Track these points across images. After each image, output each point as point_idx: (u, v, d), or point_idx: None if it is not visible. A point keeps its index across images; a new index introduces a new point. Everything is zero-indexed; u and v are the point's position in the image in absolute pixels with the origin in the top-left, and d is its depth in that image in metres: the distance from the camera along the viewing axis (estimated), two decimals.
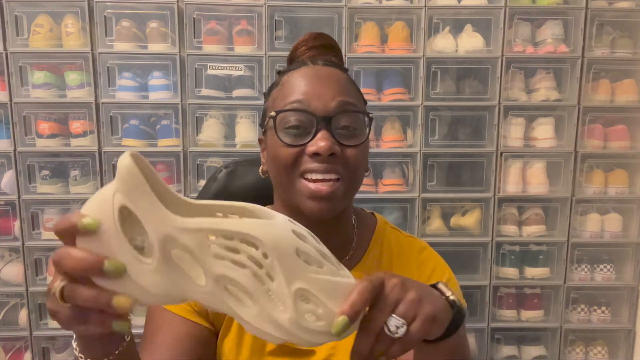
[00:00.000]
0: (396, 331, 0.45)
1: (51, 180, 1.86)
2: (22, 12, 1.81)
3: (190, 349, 0.67)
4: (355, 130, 0.66)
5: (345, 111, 0.65)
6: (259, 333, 0.44)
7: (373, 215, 0.81)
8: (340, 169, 0.64)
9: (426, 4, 1.86)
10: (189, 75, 1.85)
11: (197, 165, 1.89)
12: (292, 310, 0.43)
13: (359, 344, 0.46)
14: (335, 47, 0.75)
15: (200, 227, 0.42)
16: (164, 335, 0.67)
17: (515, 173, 1.93)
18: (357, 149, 0.65)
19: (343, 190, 0.65)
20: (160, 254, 0.41)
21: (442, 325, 0.50)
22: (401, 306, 0.46)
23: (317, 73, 0.68)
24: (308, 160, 0.64)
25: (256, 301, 0.43)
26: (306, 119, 0.64)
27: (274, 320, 0.43)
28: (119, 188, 0.40)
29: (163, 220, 0.41)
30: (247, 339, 0.70)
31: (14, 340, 1.90)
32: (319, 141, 0.62)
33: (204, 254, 0.42)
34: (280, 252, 0.42)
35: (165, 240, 0.41)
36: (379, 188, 1.95)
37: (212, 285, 0.42)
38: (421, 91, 1.89)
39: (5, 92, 1.80)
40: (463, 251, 1.98)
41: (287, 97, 0.66)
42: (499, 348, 2.01)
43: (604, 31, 1.94)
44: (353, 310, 0.43)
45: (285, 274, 0.43)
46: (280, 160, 0.65)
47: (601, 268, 1.99)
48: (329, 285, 0.44)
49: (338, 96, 0.65)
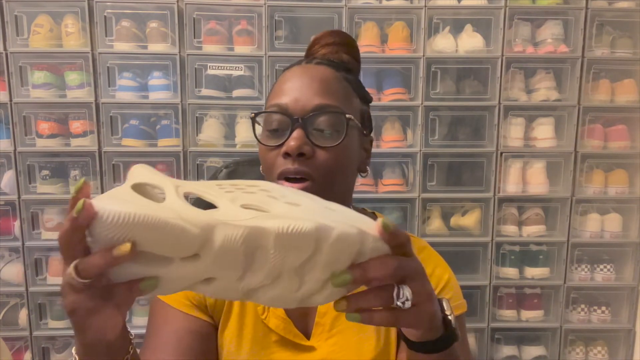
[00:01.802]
0: (403, 301, 0.44)
1: (51, 180, 1.86)
2: (22, 12, 1.81)
3: (192, 344, 0.68)
4: (334, 132, 0.64)
5: (322, 112, 0.64)
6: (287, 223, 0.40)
7: (375, 215, 0.81)
8: (309, 170, 0.63)
9: (426, 4, 1.86)
10: (189, 75, 1.84)
11: (197, 165, 1.89)
12: (311, 206, 0.45)
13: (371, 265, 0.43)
14: (350, 44, 0.74)
15: (207, 183, 0.47)
16: (166, 332, 0.67)
17: (515, 173, 1.93)
18: (331, 151, 0.64)
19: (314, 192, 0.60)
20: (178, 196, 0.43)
21: (429, 332, 0.50)
22: (417, 286, 0.45)
23: (302, 73, 0.67)
24: (282, 162, 0.64)
25: (275, 206, 0.44)
26: (282, 119, 0.64)
27: (297, 215, 0.42)
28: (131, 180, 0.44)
29: (175, 182, 0.45)
30: (247, 331, 0.70)
31: (13, 340, 1.90)
32: (290, 141, 0.62)
33: (215, 191, 0.45)
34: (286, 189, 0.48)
35: (177, 185, 0.44)
36: (379, 188, 1.95)
37: (230, 206, 0.43)
38: (421, 91, 1.89)
39: (5, 92, 1.80)
40: (463, 251, 1.98)
41: (271, 99, 0.67)
42: (499, 348, 2.01)
43: (604, 31, 1.94)
44: (395, 227, 0.43)
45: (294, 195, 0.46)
46: (263, 162, 0.67)
47: (601, 268, 1.99)
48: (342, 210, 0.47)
49: (317, 97, 0.64)
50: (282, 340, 0.70)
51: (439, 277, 0.74)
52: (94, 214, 0.37)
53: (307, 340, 0.70)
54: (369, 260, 0.43)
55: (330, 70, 0.68)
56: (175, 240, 0.39)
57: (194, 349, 0.68)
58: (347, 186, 0.69)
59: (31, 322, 1.88)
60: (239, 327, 0.70)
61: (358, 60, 0.76)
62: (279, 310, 0.70)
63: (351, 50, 0.74)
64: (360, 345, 0.70)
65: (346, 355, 0.69)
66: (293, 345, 0.70)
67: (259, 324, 0.70)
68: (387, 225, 0.42)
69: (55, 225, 1.86)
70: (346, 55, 0.73)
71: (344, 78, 0.69)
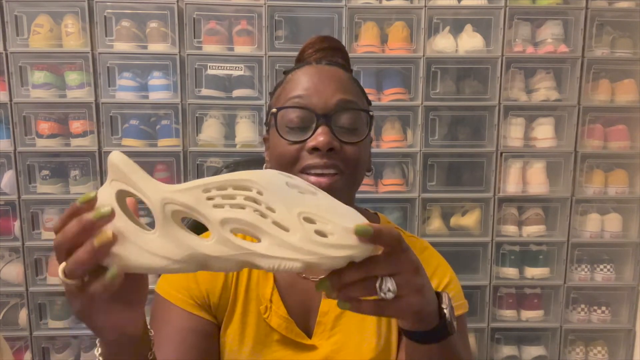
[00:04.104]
0: (385, 292, 0.45)
1: (51, 180, 1.86)
2: (22, 12, 1.81)
3: (195, 343, 0.68)
4: (355, 129, 0.67)
5: (345, 109, 0.66)
6: (277, 263, 0.44)
7: (376, 216, 0.81)
8: (339, 164, 0.65)
9: (426, 4, 1.86)
10: (189, 75, 1.85)
11: (197, 165, 1.89)
12: (300, 230, 0.43)
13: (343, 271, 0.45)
14: (342, 49, 0.76)
15: (191, 186, 0.44)
16: (169, 331, 0.68)
17: (515, 173, 1.93)
18: (356, 146, 0.66)
19: (342, 185, 0.66)
20: (162, 218, 0.44)
21: (419, 323, 0.51)
22: (403, 279, 0.46)
23: (319, 71, 0.69)
24: (308, 156, 0.65)
25: (264, 233, 0.44)
26: (306, 115, 0.66)
27: (287, 244, 0.43)
28: (113, 177, 0.44)
29: (157, 189, 0.44)
30: (249, 330, 0.71)
31: (14, 340, 1.90)
32: (318, 136, 0.64)
33: (203, 207, 0.44)
34: (273, 186, 0.45)
35: (164, 203, 0.43)
36: (379, 188, 1.95)
37: (218, 233, 0.44)
38: (421, 91, 1.89)
39: (5, 92, 1.80)
40: (463, 251, 1.98)
41: (289, 94, 0.68)
42: (499, 348, 2.01)
43: (604, 31, 1.94)
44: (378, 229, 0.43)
45: (283, 203, 0.44)
46: (282, 157, 0.67)
47: (601, 268, 1.99)
48: (330, 207, 0.45)
49: (338, 94, 0.66)
50: (284, 339, 0.70)
51: (440, 277, 0.74)
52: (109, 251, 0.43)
53: (309, 339, 0.71)
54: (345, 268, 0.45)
55: (342, 71, 0.71)
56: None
57: (197, 348, 0.68)
58: (361, 181, 0.72)
59: (31, 322, 1.88)
60: (242, 326, 0.71)
61: (350, 65, 0.78)
62: (281, 310, 0.70)
63: (344, 55, 0.77)
64: (361, 344, 0.71)
65: (347, 355, 0.70)
66: (295, 344, 0.70)
67: (261, 323, 0.70)
68: (363, 232, 0.43)
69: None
70: (341, 60, 0.75)
71: (354, 79, 0.72)
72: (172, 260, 0.44)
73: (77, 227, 0.42)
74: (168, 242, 0.43)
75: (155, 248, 0.43)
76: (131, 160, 0.45)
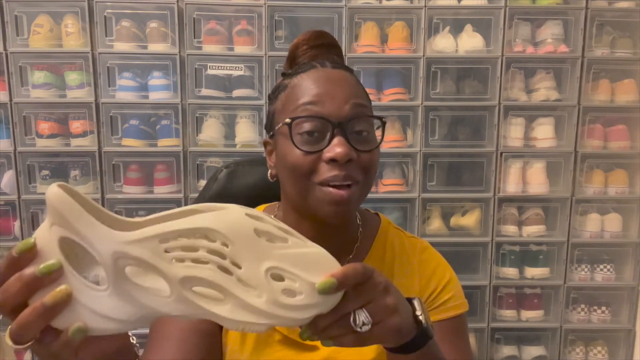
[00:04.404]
0: (360, 326, 0.45)
1: (51, 181, 1.86)
2: (22, 12, 1.81)
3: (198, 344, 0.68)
4: (368, 135, 0.66)
5: (360, 116, 0.64)
6: (240, 326, 0.41)
7: (377, 216, 0.81)
8: (356, 174, 0.64)
9: (426, 4, 1.86)
10: (189, 75, 1.85)
11: (197, 165, 1.89)
12: (267, 292, 0.41)
13: (316, 320, 0.45)
14: (336, 45, 0.74)
15: (147, 235, 0.39)
16: (172, 331, 0.67)
17: (515, 173, 1.93)
18: (371, 154, 0.65)
19: (358, 194, 0.65)
20: (113, 274, 0.39)
21: (400, 339, 0.51)
22: (375, 306, 0.46)
23: (327, 76, 0.66)
24: (325, 167, 0.63)
25: (228, 294, 0.41)
26: (320, 124, 0.63)
27: (252, 307, 0.41)
28: (53, 220, 0.38)
29: (107, 238, 0.38)
30: None
31: None
32: (336, 147, 0.62)
33: (160, 262, 0.39)
34: (240, 236, 0.40)
35: (115, 258, 0.38)
36: (379, 188, 1.95)
37: (178, 292, 0.40)
38: (421, 91, 1.89)
39: (5, 92, 1.80)
40: (463, 251, 1.98)
41: (299, 101, 0.65)
42: (499, 348, 2.01)
43: (604, 31, 1.94)
44: (343, 276, 0.43)
45: (250, 257, 0.41)
46: (297, 169, 0.64)
47: (601, 268, 1.99)
48: (299, 258, 0.42)
49: (351, 99, 0.64)
50: (285, 339, 0.70)
51: (440, 276, 0.74)
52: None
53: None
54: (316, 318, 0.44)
55: (348, 74, 0.69)
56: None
57: (200, 348, 0.68)
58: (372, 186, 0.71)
59: None
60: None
61: (344, 61, 0.76)
62: None
63: (339, 52, 0.75)
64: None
65: (348, 355, 0.70)
66: (296, 344, 0.70)
67: None
68: (327, 288, 0.42)
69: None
70: (336, 57, 0.73)
71: (358, 81, 0.70)
72: (126, 322, 0.40)
73: (18, 284, 0.38)
74: (120, 302, 0.39)
75: (107, 310, 0.39)
76: (74, 194, 0.38)
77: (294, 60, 0.74)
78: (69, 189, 0.39)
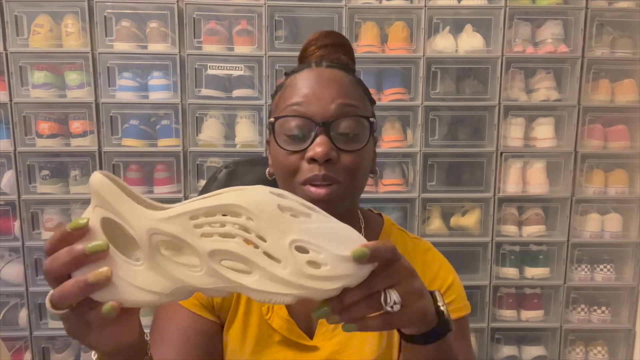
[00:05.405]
0: (392, 305, 0.45)
1: (51, 180, 1.86)
2: (22, 12, 1.81)
3: (199, 344, 0.68)
4: (356, 135, 0.65)
5: (345, 116, 0.64)
6: (267, 297, 0.43)
7: (380, 217, 0.81)
8: (337, 174, 0.63)
9: (426, 4, 1.86)
10: (189, 75, 1.85)
11: (197, 165, 1.89)
12: (292, 262, 0.42)
13: (343, 294, 0.44)
14: (346, 45, 0.74)
15: (179, 212, 0.43)
16: (173, 331, 0.68)
17: (515, 173, 1.93)
18: (355, 155, 0.64)
19: (341, 194, 0.64)
20: (148, 249, 0.42)
21: (424, 326, 0.51)
22: (403, 288, 0.46)
23: (318, 75, 0.66)
24: (306, 167, 0.63)
25: (255, 266, 0.43)
26: (305, 124, 0.64)
27: (277, 278, 0.42)
28: (96, 202, 0.43)
29: (142, 216, 0.42)
30: (251, 330, 0.71)
31: (14, 340, 1.90)
32: (316, 146, 0.62)
33: (190, 237, 0.42)
34: (264, 211, 0.43)
35: (150, 234, 0.42)
36: (379, 188, 1.95)
37: (208, 265, 0.42)
38: (421, 91, 1.89)
39: (5, 92, 1.80)
40: (463, 251, 1.98)
41: (287, 101, 0.66)
42: (499, 348, 2.01)
43: (604, 31, 1.94)
44: (375, 248, 0.43)
45: (274, 231, 0.42)
46: (282, 168, 0.65)
47: (601, 268, 1.99)
48: (323, 231, 0.43)
49: (338, 99, 0.64)
50: (285, 340, 0.70)
51: (443, 278, 0.74)
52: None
53: (310, 340, 0.71)
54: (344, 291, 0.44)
55: (343, 74, 0.68)
56: None
57: (201, 348, 0.68)
58: (363, 186, 0.70)
59: (31, 322, 1.88)
60: (244, 327, 0.71)
61: (354, 61, 0.75)
62: (283, 311, 0.70)
63: (348, 51, 0.74)
64: (363, 345, 0.71)
65: (349, 355, 0.70)
66: (296, 345, 0.70)
67: (263, 324, 0.70)
68: (360, 256, 0.43)
69: (56, 226, 1.86)
70: (344, 56, 0.73)
71: (356, 81, 0.70)
72: (162, 294, 0.43)
73: (67, 257, 0.42)
74: (156, 275, 0.43)
75: (143, 282, 0.42)
76: (114, 180, 0.43)
77: (302, 59, 0.74)
78: (110, 176, 0.43)
